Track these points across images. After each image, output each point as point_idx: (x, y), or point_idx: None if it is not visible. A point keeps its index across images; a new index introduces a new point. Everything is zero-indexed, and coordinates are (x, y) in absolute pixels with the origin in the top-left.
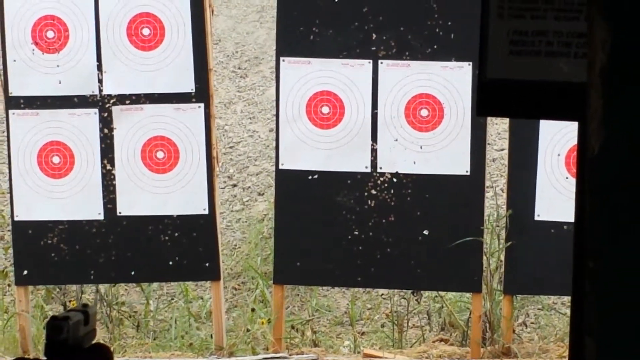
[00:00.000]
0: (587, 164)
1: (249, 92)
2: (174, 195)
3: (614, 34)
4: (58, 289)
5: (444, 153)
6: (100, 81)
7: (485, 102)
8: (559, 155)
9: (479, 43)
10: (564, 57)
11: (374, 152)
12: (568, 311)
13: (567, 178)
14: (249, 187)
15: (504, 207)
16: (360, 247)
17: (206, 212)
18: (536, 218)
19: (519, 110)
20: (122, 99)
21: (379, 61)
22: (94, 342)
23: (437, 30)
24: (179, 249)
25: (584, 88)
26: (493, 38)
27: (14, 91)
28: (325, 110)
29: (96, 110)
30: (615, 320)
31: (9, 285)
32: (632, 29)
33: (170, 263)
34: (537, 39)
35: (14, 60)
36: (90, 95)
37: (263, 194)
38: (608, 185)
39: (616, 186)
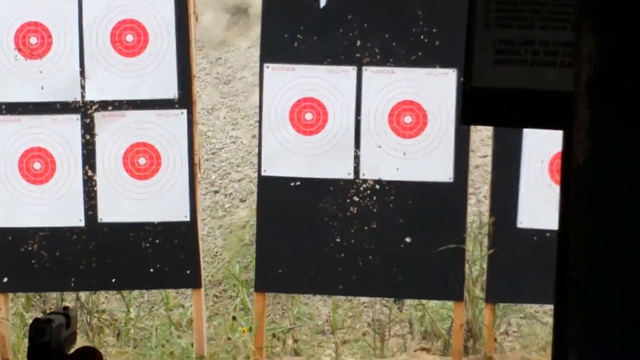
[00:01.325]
0: (572, 175)
1: (232, 98)
2: (156, 201)
3: (600, 46)
4: (38, 296)
5: (427, 160)
6: (82, 87)
7: (470, 111)
8: (542, 162)
9: (465, 52)
10: (550, 67)
11: (357, 158)
12: (550, 320)
13: (550, 185)
14: (231, 193)
15: (487, 214)
16: (342, 255)
17: (188, 219)
18: (519, 225)
19: (503, 119)
20: (104, 105)
21: (363, 68)
22: (82, 345)
23: (421, 37)
24: (160, 256)
25: (569, 97)
26: (479, 47)
27: None
28: (308, 116)
29: (78, 116)
30: (598, 332)
31: None
32: (619, 40)
33: (151, 270)
34: (523, 48)
35: None
36: (73, 102)
37: (245, 200)
38: (593, 197)
39: (601, 198)
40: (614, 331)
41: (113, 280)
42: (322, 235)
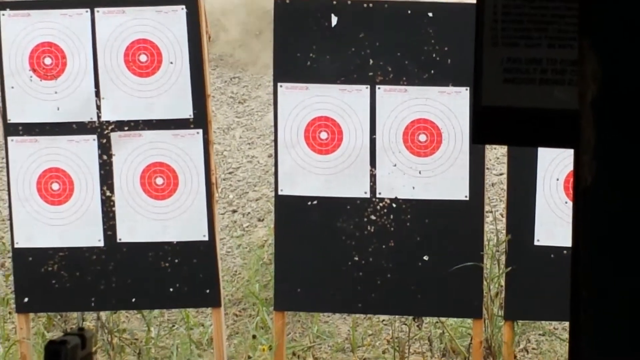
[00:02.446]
0: (581, 194)
1: (248, 117)
2: (174, 221)
3: (604, 65)
4: (59, 316)
5: (442, 178)
6: (98, 107)
7: (481, 130)
8: (557, 180)
9: (474, 70)
10: (558, 85)
11: (372, 177)
12: None
13: (566, 203)
14: (249, 212)
15: (504, 232)
16: (360, 273)
17: (206, 238)
18: (536, 243)
19: (514, 138)
20: (120, 125)
21: (377, 86)
22: None
23: (433, 55)
24: (180, 275)
25: (577, 115)
26: (487, 66)
27: (13, 118)
28: (323, 135)
29: (95, 136)
30: (609, 350)
31: (10, 312)
32: (623, 59)
33: (171, 290)
34: (531, 67)
35: (12, 87)
36: (89, 122)
37: (263, 219)
38: (600, 216)
39: (608, 217)
40: (623, 349)
41: (133, 299)
42: (340, 254)
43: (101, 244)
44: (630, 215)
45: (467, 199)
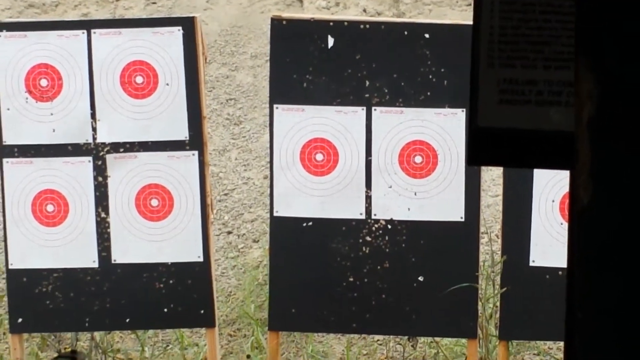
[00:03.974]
0: (576, 215)
1: (243, 139)
2: (169, 242)
3: (601, 86)
4: (53, 337)
5: (438, 199)
6: (94, 129)
7: (476, 151)
8: (553, 201)
9: (470, 91)
10: (554, 106)
11: (368, 198)
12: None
13: (561, 224)
14: (244, 234)
15: (499, 252)
16: (355, 294)
17: (201, 259)
18: (531, 264)
19: (510, 160)
20: (116, 147)
21: (373, 108)
22: None
23: (430, 76)
24: (174, 296)
25: (574, 137)
26: (483, 87)
27: (8, 140)
28: (319, 157)
29: (90, 158)
30: None
31: (4, 333)
32: (619, 80)
33: (165, 310)
34: (527, 88)
35: (8, 109)
36: (84, 144)
37: (258, 240)
38: (596, 237)
39: (604, 238)
40: None
41: (127, 320)
42: (335, 275)
43: (96, 265)
44: (626, 237)
45: (463, 220)
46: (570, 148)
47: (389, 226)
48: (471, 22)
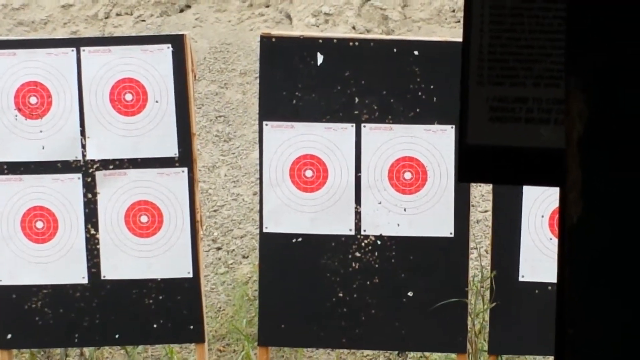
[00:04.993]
0: (566, 233)
1: (233, 155)
2: (158, 258)
3: (591, 104)
4: (42, 352)
5: (427, 215)
6: (83, 146)
7: (467, 169)
8: (542, 216)
9: (459, 109)
10: (544, 124)
11: (357, 214)
12: None
13: (550, 239)
14: (233, 250)
15: (489, 268)
16: (344, 309)
17: (190, 275)
18: (520, 279)
19: (500, 177)
20: (105, 164)
21: (362, 125)
22: None
23: (419, 93)
24: (163, 311)
25: (564, 154)
26: (473, 104)
27: None
28: (308, 173)
29: (79, 175)
30: None
31: None
32: (609, 99)
33: (155, 326)
34: (517, 106)
35: None
36: (74, 161)
37: (247, 256)
38: (587, 256)
39: (594, 256)
40: None
41: (117, 336)
42: (324, 290)
43: (85, 281)
44: (616, 254)
45: (452, 235)
46: (560, 165)
47: (379, 242)
48: (460, 39)
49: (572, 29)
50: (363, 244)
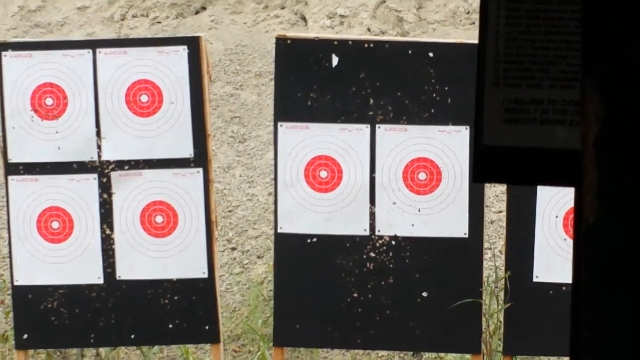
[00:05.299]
0: (582, 234)
1: (248, 156)
2: (174, 259)
3: (607, 106)
4: (58, 352)
5: (442, 216)
6: (99, 147)
7: (482, 169)
8: (556, 217)
9: (475, 110)
10: (559, 125)
11: (372, 215)
12: None
13: (565, 240)
14: (248, 250)
15: (503, 268)
16: (359, 309)
17: (205, 275)
18: (534, 279)
19: (515, 177)
20: (120, 165)
21: (377, 125)
22: None
23: (434, 94)
24: (179, 312)
25: (579, 155)
26: (488, 106)
27: (14, 158)
28: (323, 174)
29: (95, 175)
30: None
31: (9, 349)
32: (625, 100)
33: (170, 326)
34: (532, 107)
35: (13, 127)
36: (89, 161)
37: (262, 257)
38: (603, 257)
39: (610, 257)
40: None
41: (132, 336)
42: (339, 291)
43: (101, 281)
44: (631, 255)
45: (467, 236)
46: (575, 166)
47: (393, 242)
48: (475, 41)
49: (588, 31)
50: (377, 245)
